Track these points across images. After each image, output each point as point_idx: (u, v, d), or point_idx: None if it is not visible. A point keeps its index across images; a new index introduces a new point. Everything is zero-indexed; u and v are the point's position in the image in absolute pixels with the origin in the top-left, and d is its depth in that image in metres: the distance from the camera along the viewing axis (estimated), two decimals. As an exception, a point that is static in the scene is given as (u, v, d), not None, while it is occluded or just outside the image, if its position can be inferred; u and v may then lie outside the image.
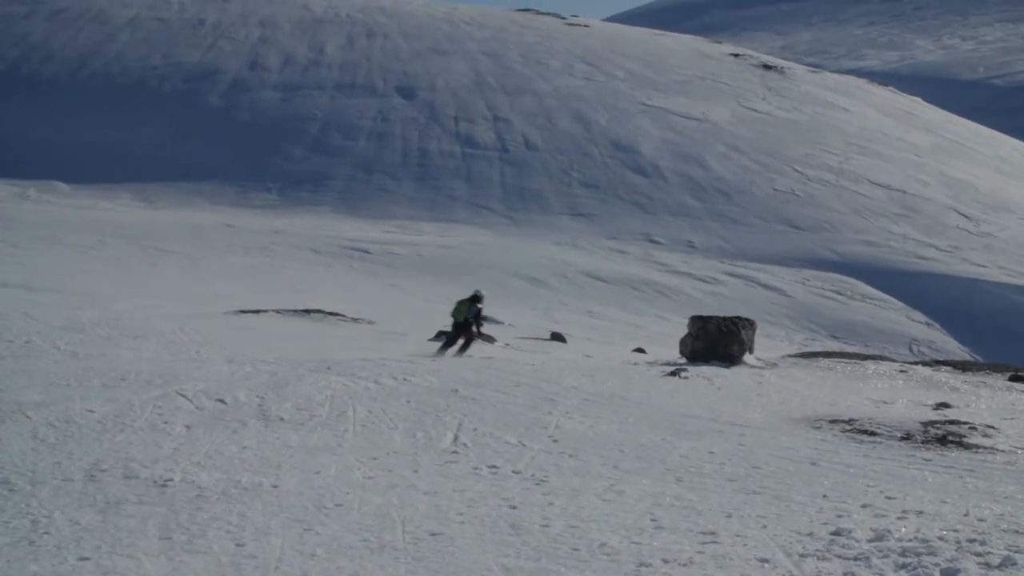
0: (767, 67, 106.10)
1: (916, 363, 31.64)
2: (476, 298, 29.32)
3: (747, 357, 28.20)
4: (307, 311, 36.87)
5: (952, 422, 19.98)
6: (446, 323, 32.80)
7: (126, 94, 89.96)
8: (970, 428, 19.42)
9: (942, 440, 18.27)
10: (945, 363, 31.32)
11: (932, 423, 19.76)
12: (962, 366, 30.59)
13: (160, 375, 20.69)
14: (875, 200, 75.70)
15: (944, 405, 22.30)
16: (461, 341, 28.91)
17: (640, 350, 35.63)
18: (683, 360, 28.19)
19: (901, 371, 28.01)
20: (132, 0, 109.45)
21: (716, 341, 28.13)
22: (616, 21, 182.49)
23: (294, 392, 19.52)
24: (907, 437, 18.44)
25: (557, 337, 38.72)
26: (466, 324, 28.94)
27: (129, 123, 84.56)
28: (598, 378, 23.10)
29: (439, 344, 29.51)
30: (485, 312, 30.79)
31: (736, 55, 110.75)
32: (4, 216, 62.37)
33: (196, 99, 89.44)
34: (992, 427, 19.75)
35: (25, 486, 13.08)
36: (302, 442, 15.94)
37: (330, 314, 36.82)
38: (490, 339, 33.06)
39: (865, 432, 18.73)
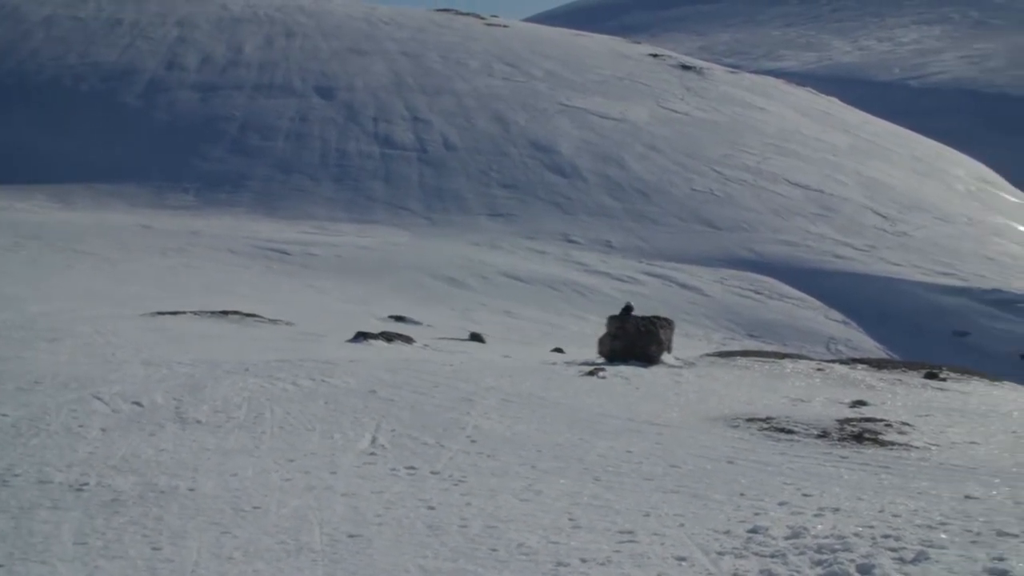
0: (685, 67, 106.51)
1: (833, 361, 31.96)
2: (628, 309, 30.62)
3: (665, 356, 28.34)
4: (225, 312, 36.62)
5: (868, 420, 20.18)
6: (365, 324, 32.75)
7: (41, 93, 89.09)
8: (886, 425, 19.62)
9: (858, 437, 18.44)
10: (862, 361, 31.65)
11: (848, 421, 19.94)
12: (878, 364, 30.93)
13: (76, 378, 20.51)
14: (793, 200, 76.18)
15: (860, 403, 22.51)
16: None
17: (558, 350, 35.68)
18: (601, 360, 28.28)
19: (818, 369, 28.25)
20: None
21: (634, 341, 28.25)
22: (535, 21, 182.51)
23: (211, 394, 19.42)
24: (824, 435, 18.59)
25: (476, 337, 38.71)
26: None
27: (44, 123, 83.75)
28: (516, 378, 23.14)
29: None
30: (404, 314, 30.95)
31: (655, 55, 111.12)
32: (-83, 217, 61.74)
33: (113, 99, 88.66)
34: (907, 424, 19.96)
35: (-63, 491, 12.95)
36: (219, 444, 15.86)
37: (248, 315, 36.61)
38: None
39: (782, 430, 18.87)
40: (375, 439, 16.67)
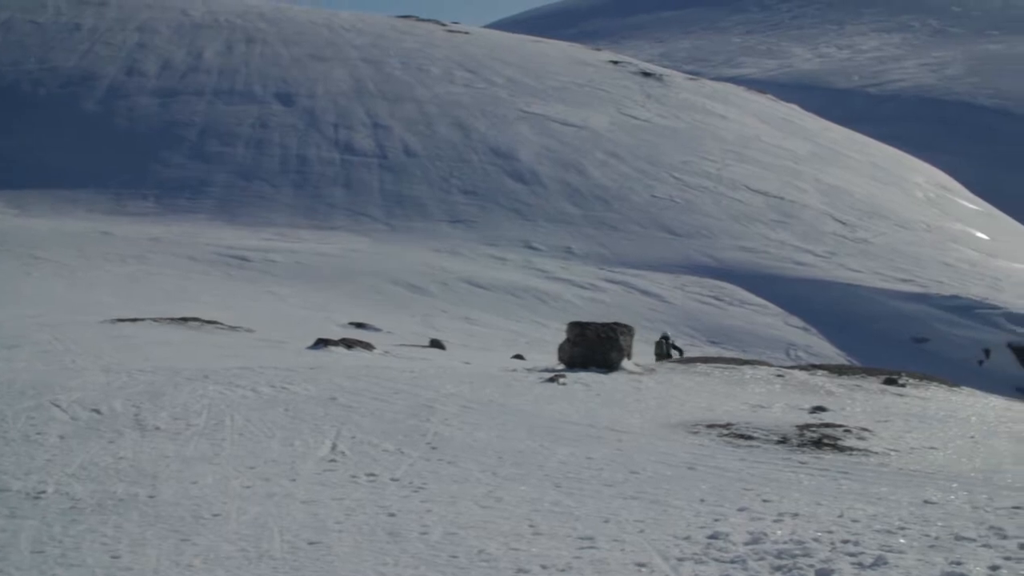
0: (646, 74, 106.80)
1: (793, 367, 32.04)
2: (666, 337, 38.05)
3: (625, 363, 28.32)
4: (185, 319, 36.46)
5: (827, 425, 20.22)
6: (325, 331, 32.72)
7: None
8: (845, 431, 19.67)
9: (818, 443, 18.48)
10: (821, 367, 31.73)
11: (808, 427, 19.98)
12: (838, 370, 31.00)
13: (33, 385, 20.38)
14: (753, 207, 76.42)
15: (820, 409, 22.54)
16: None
17: (519, 356, 35.72)
18: (562, 366, 28.26)
19: (778, 375, 28.30)
20: (6, 2, 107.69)
21: (594, 347, 28.22)
22: (497, 28, 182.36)
23: (171, 401, 19.33)
24: (783, 441, 18.62)
25: (436, 344, 38.70)
26: (668, 355, 36.56)
27: (3, 129, 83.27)
28: (477, 385, 23.12)
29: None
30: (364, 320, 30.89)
31: (615, 62, 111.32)
32: None
33: (72, 104, 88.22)
34: (866, 430, 20.01)
35: None
36: (179, 452, 15.78)
37: (208, 322, 36.46)
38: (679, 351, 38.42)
39: (742, 436, 18.90)
40: (335, 446, 16.61)
